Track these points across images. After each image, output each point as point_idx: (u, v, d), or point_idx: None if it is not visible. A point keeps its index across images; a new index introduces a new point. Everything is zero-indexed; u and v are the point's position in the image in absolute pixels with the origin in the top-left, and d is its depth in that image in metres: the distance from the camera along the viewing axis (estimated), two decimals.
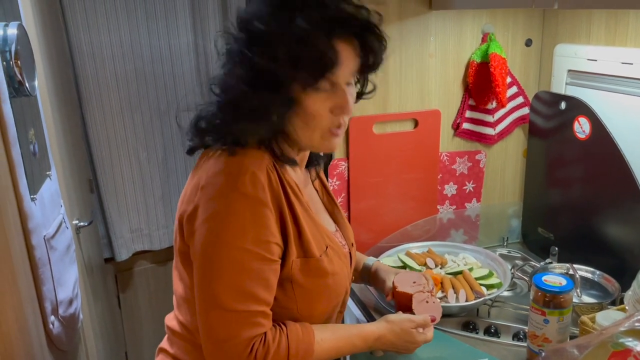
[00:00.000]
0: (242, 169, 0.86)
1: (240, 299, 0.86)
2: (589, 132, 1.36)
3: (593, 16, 1.42)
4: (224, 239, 0.85)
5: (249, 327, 0.87)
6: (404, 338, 1.03)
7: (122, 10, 2.20)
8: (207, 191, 0.87)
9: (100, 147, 2.27)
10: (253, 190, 0.86)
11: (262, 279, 0.88)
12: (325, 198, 1.14)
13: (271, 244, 0.88)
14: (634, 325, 0.65)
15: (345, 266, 1.03)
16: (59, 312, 1.29)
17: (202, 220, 0.87)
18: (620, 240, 1.34)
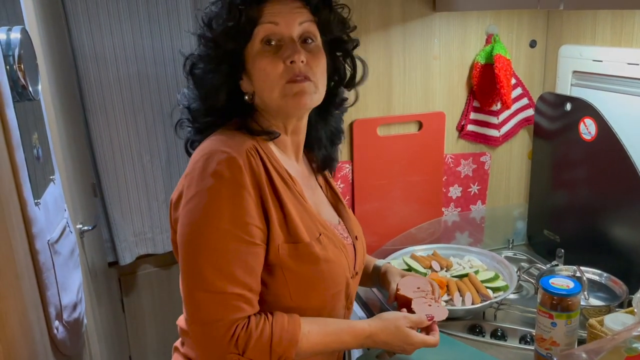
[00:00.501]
0: (220, 153, 0.89)
1: (217, 279, 0.87)
2: (595, 133, 1.36)
3: (598, 17, 1.41)
4: (201, 221, 0.88)
5: (229, 310, 0.87)
6: (399, 337, 1.00)
7: (125, 13, 2.20)
8: (188, 178, 0.91)
9: (104, 150, 2.27)
10: (230, 173, 0.88)
11: (240, 260, 0.88)
12: (330, 194, 1.15)
13: (250, 225, 0.89)
14: None
15: (342, 255, 1.02)
16: (63, 317, 1.28)
17: (183, 205, 0.90)
18: (627, 242, 1.33)
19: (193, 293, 0.89)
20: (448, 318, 1.29)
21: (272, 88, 0.93)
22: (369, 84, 1.49)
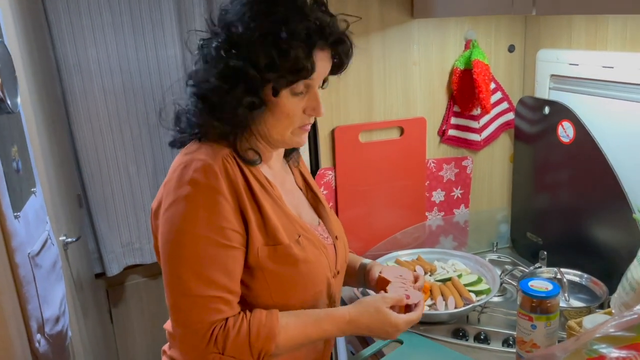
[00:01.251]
0: (196, 161, 0.91)
1: (197, 283, 0.89)
2: (573, 136, 1.37)
3: (574, 21, 1.43)
4: (179, 227, 0.90)
5: (207, 313, 0.90)
6: (380, 319, 1.00)
7: (109, 25, 2.20)
8: (167, 186, 0.93)
9: (89, 161, 2.27)
10: (205, 179, 0.90)
11: (218, 264, 0.90)
12: (310, 195, 1.16)
13: (226, 229, 0.91)
14: (609, 332, 0.65)
15: (322, 255, 1.04)
16: (46, 330, 1.28)
17: (162, 213, 0.92)
18: (608, 243, 1.34)
19: (174, 297, 0.91)
20: (432, 322, 1.31)
21: (286, 128, 0.97)
22: (350, 91, 1.50)
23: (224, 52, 0.89)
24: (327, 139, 1.52)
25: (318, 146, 1.53)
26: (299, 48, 0.88)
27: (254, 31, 0.88)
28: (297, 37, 0.88)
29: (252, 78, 0.89)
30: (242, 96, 0.90)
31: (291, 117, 0.95)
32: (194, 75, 0.96)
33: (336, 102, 1.49)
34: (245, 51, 0.88)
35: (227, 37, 0.90)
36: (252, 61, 0.88)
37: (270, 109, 0.93)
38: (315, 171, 1.54)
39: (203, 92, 0.92)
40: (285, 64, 0.88)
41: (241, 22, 0.89)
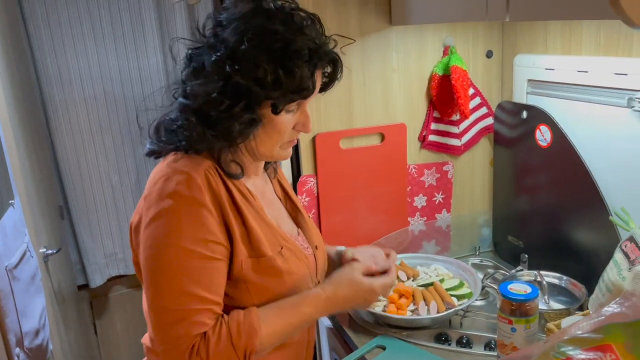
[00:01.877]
0: (177, 172, 0.90)
1: (180, 298, 0.88)
2: (550, 139, 1.39)
3: (549, 27, 1.45)
4: (161, 241, 0.88)
5: (191, 327, 0.88)
6: (355, 287, 1.01)
7: (89, 34, 2.20)
8: (147, 199, 0.91)
9: (71, 172, 2.25)
10: (188, 191, 0.89)
11: (203, 277, 0.89)
12: (289, 205, 1.16)
13: (210, 242, 0.90)
14: (576, 334, 0.66)
15: (304, 266, 1.04)
16: (25, 344, 1.26)
17: (144, 228, 0.90)
18: (586, 246, 1.35)
19: (157, 313, 0.89)
20: (414, 327, 1.31)
21: (276, 143, 0.97)
22: (330, 98, 1.50)
23: (228, 67, 0.87)
24: (308, 146, 1.52)
25: (299, 153, 1.53)
26: (303, 67, 0.89)
27: (259, 49, 0.87)
28: (302, 56, 0.89)
29: (255, 95, 0.89)
30: (241, 112, 0.89)
31: (282, 133, 0.96)
32: (188, 88, 0.92)
33: (317, 109, 1.50)
34: (250, 68, 0.87)
35: (228, 52, 0.88)
36: (257, 79, 0.87)
37: (263, 125, 0.93)
38: (297, 178, 1.54)
39: (199, 106, 0.90)
40: (291, 83, 0.89)
41: (244, 38, 0.87)
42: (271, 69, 0.87)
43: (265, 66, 0.87)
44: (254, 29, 0.88)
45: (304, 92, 0.91)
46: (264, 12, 0.90)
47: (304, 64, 0.89)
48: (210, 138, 0.91)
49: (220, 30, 0.91)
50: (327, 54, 0.95)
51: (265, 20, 0.89)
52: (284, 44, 0.88)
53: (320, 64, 0.93)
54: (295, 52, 0.88)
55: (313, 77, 0.92)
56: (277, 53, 0.87)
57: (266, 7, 0.91)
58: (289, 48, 0.88)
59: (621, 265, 1.11)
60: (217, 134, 0.91)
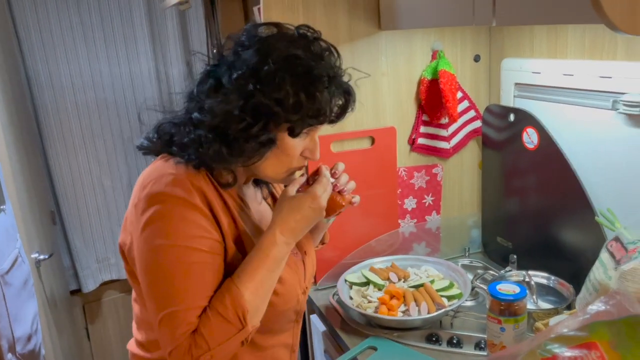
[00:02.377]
0: (166, 175, 0.91)
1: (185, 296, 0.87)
2: (537, 142, 1.41)
3: (535, 31, 1.48)
4: (157, 244, 0.88)
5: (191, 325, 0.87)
6: (297, 206, 0.96)
7: (81, 40, 2.20)
8: (138, 207, 0.91)
9: (63, 177, 2.25)
10: (178, 192, 0.89)
11: (203, 273, 0.89)
12: None
13: (205, 238, 0.90)
14: (562, 332, 0.67)
15: (294, 273, 1.05)
16: (17, 349, 1.26)
17: (137, 236, 0.90)
18: (573, 246, 1.37)
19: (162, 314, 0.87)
20: (405, 328, 1.32)
21: (281, 167, 0.97)
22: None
23: (251, 86, 0.88)
24: None
25: None
26: (324, 93, 0.90)
27: (283, 72, 0.88)
28: (322, 82, 0.90)
29: (276, 116, 0.89)
30: (259, 132, 0.90)
31: (290, 158, 0.96)
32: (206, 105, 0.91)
33: None
34: (273, 89, 0.88)
35: (251, 72, 0.89)
36: (278, 100, 0.88)
37: (275, 148, 0.94)
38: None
39: (217, 123, 0.90)
40: (311, 107, 0.90)
41: (268, 59, 0.88)
42: (293, 91, 0.88)
43: (288, 88, 0.88)
44: (277, 52, 0.89)
45: (322, 117, 0.93)
46: (287, 37, 0.93)
47: (324, 90, 0.91)
48: (225, 155, 0.91)
49: (241, 50, 0.92)
50: (342, 85, 0.97)
51: (288, 45, 0.91)
52: (306, 69, 0.89)
53: (337, 92, 0.95)
54: (316, 77, 0.89)
55: (331, 103, 0.93)
56: (300, 77, 0.89)
57: (289, 33, 0.94)
58: (310, 73, 0.89)
59: (607, 264, 1.13)
60: (232, 152, 0.91)
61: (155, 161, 0.97)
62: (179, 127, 0.95)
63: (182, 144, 0.93)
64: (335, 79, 0.94)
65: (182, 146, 0.93)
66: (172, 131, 0.96)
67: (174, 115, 0.98)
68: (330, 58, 0.95)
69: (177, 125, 0.96)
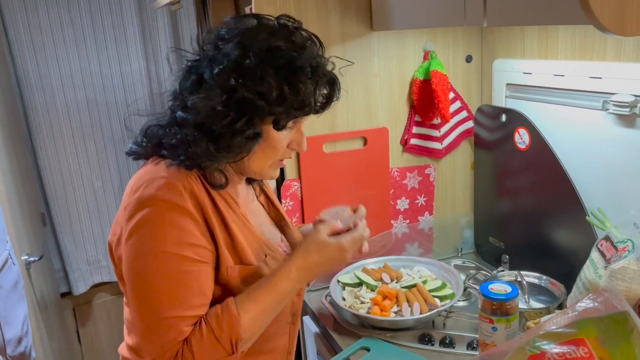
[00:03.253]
0: (158, 179, 0.89)
1: (170, 305, 0.86)
2: (529, 142, 1.42)
3: (526, 32, 1.49)
4: (146, 248, 0.87)
5: (178, 333, 0.86)
6: (324, 248, 0.97)
7: (71, 40, 2.19)
8: (128, 210, 0.89)
9: (53, 178, 2.24)
10: (170, 197, 0.87)
11: (190, 281, 0.88)
12: (272, 211, 1.16)
13: (194, 246, 0.89)
14: (550, 329, 0.68)
15: None
16: (7, 352, 1.25)
17: (127, 238, 0.89)
18: (565, 246, 1.38)
19: (147, 323, 0.87)
20: (398, 329, 1.32)
21: (268, 160, 0.97)
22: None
23: (233, 80, 0.87)
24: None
25: None
26: (307, 84, 0.89)
27: (264, 64, 0.87)
28: (305, 73, 0.89)
29: (260, 110, 0.88)
30: (244, 127, 0.89)
31: (277, 150, 0.96)
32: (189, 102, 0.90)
33: None
34: (255, 82, 0.87)
35: (232, 66, 0.88)
36: (261, 93, 0.87)
37: (260, 141, 0.93)
38: (281, 182, 1.55)
39: (201, 120, 0.89)
40: (295, 99, 0.89)
41: (249, 52, 0.87)
42: (276, 84, 0.87)
43: (271, 81, 0.87)
44: (258, 44, 0.88)
45: (306, 108, 0.92)
46: (267, 29, 0.91)
47: (308, 81, 0.90)
48: (213, 153, 0.90)
49: (222, 44, 0.91)
50: (326, 74, 0.95)
51: (268, 36, 0.89)
52: (288, 60, 0.88)
53: (321, 82, 0.94)
54: (299, 68, 0.89)
55: (316, 94, 0.92)
56: (282, 69, 0.88)
57: (269, 24, 0.92)
58: (293, 64, 0.88)
59: (597, 264, 1.14)
60: (219, 148, 0.90)
61: (146, 164, 0.96)
62: (166, 128, 0.94)
63: (171, 145, 0.92)
64: (318, 68, 0.92)
65: (171, 148, 0.92)
66: (160, 133, 0.94)
67: (160, 116, 0.97)
68: (312, 47, 0.94)
69: (163, 127, 0.95)
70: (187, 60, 0.95)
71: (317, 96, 0.94)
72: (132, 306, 0.90)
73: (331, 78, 0.97)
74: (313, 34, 0.96)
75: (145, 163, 0.97)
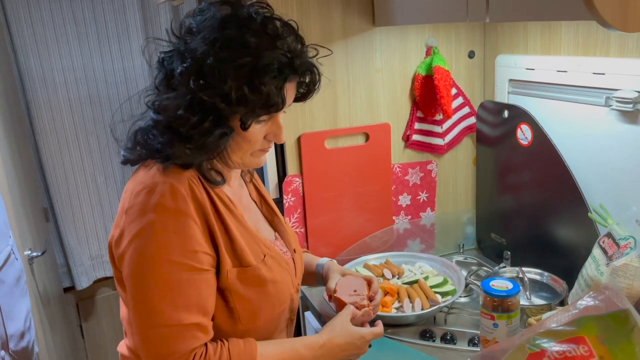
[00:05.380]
0: (161, 184, 0.87)
1: (172, 312, 0.86)
2: (531, 138, 1.41)
3: (529, 27, 1.48)
4: (149, 255, 0.86)
5: (185, 341, 0.87)
6: (350, 336, 1.04)
7: (73, 36, 2.19)
8: (129, 213, 0.88)
9: (56, 173, 2.24)
10: (173, 202, 0.87)
11: (194, 290, 0.88)
12: (265, 208, 1.15)
13: (199, 253, 0.89)
14: (551, 327, 0.67)
15: (286, 273, 1.04)
16: (10, 347, 1.26)
17: (128, 242, 0.88)
18: (567, 242, 1.38)
19: (147, 329, 0.87)
20: (399, 324, 1.33)
21: (247, 152, 0.95)
22: (315, 98, 1.49)
23: (192, 82, 0.85)
24: (293, 146, 1.54)
25: (284, 153, 1.54)
26: (270, 84, 0.86)
27: (226, 64, 0.84)
28: (270, 72, 0.86)
29: (222, 111, 0.87)
30: (212, 128, 0.87)
31: (253, 143, 0.94)
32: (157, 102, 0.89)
33: (302, 109, 1.51)
34: (216, 84, 0.84)
35: (195, 65, 0.85)
36: (222, 95, 0.85)
37: (234, 135, 0.91)
38: (282, 178, 1.55)
39: (168, 122, 0.88)
40: (257, 100, 0.86)
41: (211, 50, 0.85)
42: (236, 85, 0.84)
43: (231, 83, 0.84)
44: (222, 41, 0.85)
45: (272, 108, 0.89)
46: (236, 21, 0.87)
47: (272, 80, 0.86)
48: (189, 153, 0.89)
49: (189, 38, 0.88)
50: (302, 65, 0.92)
51: (236, 31, 0.86)
52: (253, 58, 0.85)
53: (293, 76, 0.91)
54: (263, 67, 0.85)
55: (282, 92, 0.89)
56: (244, 68, 0.84)
57: (240, 15, 0.88)
58: (257, 63, 0.85)
59: (599, 260, 1.13)
60: (193, 148, 0.88)
61: (144, 166, 0.93)
62: (148, 132, 0.91)
63: (155, 150, 0.90)
64: (292, 61, 0.89)
65: (156, 152, 0.90)
66: (145, 138, 0.92)
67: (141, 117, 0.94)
68: (285, 39, 0.89)
69: (145, 130, 0.92)
70: (160, 52, 0.92)
71: (284, 93, 0.90)
72: (132, 312, 0.89)
73: (310, 68, 0.95)
74: (288, 22, 0.92)
75: (141, 165, 0.95)
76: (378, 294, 1.19)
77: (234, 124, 0.90)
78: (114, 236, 0.92)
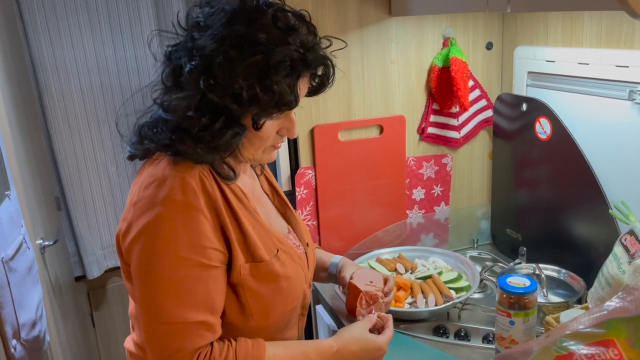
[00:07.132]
0: (171, 177, 0.85)
1: (178, 309, 0.84)
2: (550, 132, 1.38)
3: (550, 18, 1.44)
4: (156, 250, 0.84)
5: (191, 339, 0.85)
6: (364, 343, 1.02)
7: (86, 25, 2.18)
8: (138, 206, 0.86)
9: (68, 163, 2.24)
10: (183, 196, 0.84)
11: (202, 286, 0.86)
12: (277, 200, 1.13)
13: (207, 249, 0.86)
14: (578, 329, 0.65)
15: (300, 268, 1.02)
16: (22, 336, 1.26)
17: (136, 236, 0.85)
18: (585, 239, 1.35)
19: (153, 326, 0.85)
20: (412, 320, 1.31)
21: (259, 148, 0.94)
22: (329, 90, 1.49)
23: (202, 82, 0.82)
24: (307, 138, 1.52)
25: (297, 145, 1.52)
26: (282, 83, 0.84)
27: (236, 63, 0.81)
28: (282, 70, 0.83)
29: (233, 111, 0.85)
30: (223, 129, 0.85)
31: (265, 140, 0.93)
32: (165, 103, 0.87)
33: (315, 101, 1.49)
34: (226, 83, 0.82)
35: (204, 64, 0.83)
36: (233, 95, 0.83)
37: (246, 132, 0.89)
38: (295, 170, 1.53)
39: (178, 123, 0.86)
40: (270, 100, 0.84)
41: (220, 48, 0.82)
42: (247, 85, 0.82)
43: (242, 82, 0.82)
44: (232, 38, 0.82)
45: (285, 106, 0.87)
46: (246, 15, 0.84)
47: (284, 78, 0.84)
48: (201, 153, 0.86)
49: (197, 34, 0.85)
50: (316, 60, 0.89)
51: (245, 27, 0.83)
52: (264, 56, 0.82)
53: (306, 71, 0.89)
54: (275, 65, 0.82)
55: (295, 90, 0.86)
56: (255, 67, 0.82)
57: (249, 8, 0.84)
58: (269, 61, 0.82)
59: (621, 258, 1.10)
60: (205, 148, 0.86)
61: (155, 158, 0.91)
62: (156, 127, 0.89)
63: (165, 145, 0.88)
64: (305, 57, 0.86)
65: (166, 147, 0.88)
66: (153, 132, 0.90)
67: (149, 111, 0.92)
68: (298, 33, 0.86)
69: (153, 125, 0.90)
70: (168, 45, 0.89)
71: (297, 90, 0.87)
72: (139, 307, 0.88)
73: (323, 61, 0.92)
74: (301, 12, 0.89)
75: (151, 158, 0.92)
76: (392, 293, 1.18)
77: (245, 122, 0.88)
78: (121, 229, 0.90)
